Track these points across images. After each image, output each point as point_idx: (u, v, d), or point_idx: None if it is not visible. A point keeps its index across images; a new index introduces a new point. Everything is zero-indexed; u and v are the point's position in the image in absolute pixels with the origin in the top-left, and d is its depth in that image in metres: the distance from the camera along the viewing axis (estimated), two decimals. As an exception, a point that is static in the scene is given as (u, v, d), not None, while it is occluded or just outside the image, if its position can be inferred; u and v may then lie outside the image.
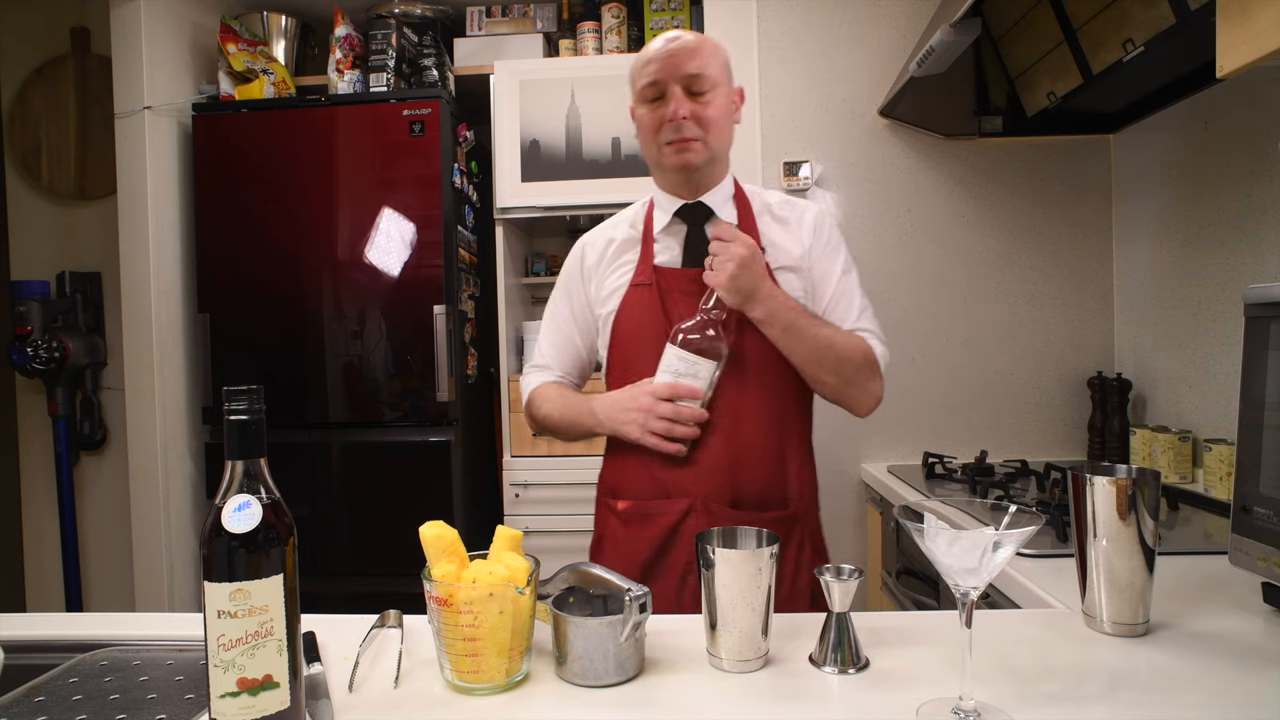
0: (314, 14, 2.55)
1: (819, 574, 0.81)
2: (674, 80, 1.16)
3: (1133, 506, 0.86)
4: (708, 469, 1.16)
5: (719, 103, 1.18)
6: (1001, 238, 2.26)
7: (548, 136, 2.28)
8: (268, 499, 0.66)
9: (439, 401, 2.19)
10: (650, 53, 1.19)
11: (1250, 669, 0.79)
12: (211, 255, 2.27)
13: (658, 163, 1.22)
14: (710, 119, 1.17)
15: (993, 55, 2.13)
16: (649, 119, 1.19)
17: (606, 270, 1.28)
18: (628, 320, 1.23)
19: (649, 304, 1.20)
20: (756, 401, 1.18)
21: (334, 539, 2.22)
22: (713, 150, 1.19)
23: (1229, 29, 1.05)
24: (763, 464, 1.18)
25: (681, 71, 1.15)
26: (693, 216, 1.23)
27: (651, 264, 1.23)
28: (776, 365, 1.18)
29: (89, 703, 0.80)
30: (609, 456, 1.29)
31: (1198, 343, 1.85)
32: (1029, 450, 2.22)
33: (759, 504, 1.18)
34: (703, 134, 1.17)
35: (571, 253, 1.34)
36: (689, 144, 1.17)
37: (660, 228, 1.24)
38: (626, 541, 1.20)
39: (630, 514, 1.21)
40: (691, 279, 1.18)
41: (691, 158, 1.17)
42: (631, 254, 1.26)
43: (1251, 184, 1.66)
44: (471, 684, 0.77)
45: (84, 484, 2.63)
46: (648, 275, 1.22)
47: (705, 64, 1.16)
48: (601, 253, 1.29)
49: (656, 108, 1.18)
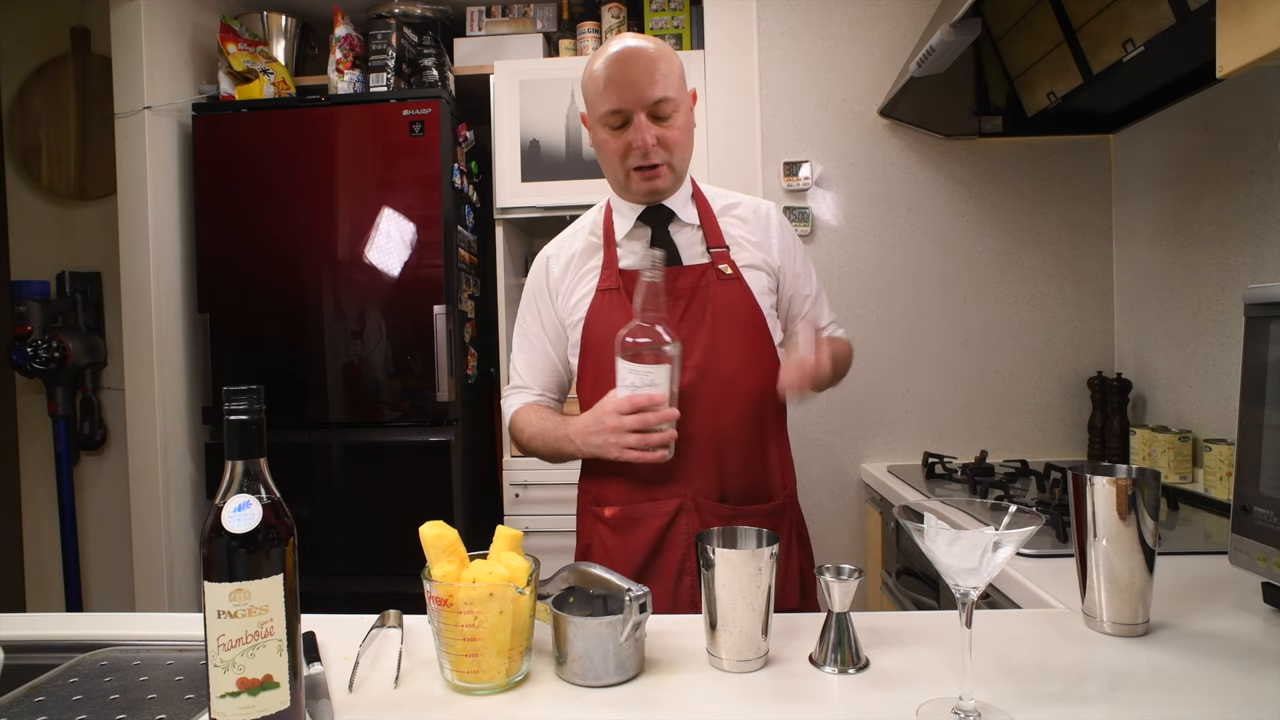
0: (314, 14, 2.55)
1: (819, 574, 0.81)
2: (639, 109, 1.14)
3: (1133, 506, 0.86)
4: (695, 465, 1.16)
5: (683, 121, 1.17)
6: (1001, 238, 2.26)
7: (548, 136, 2.28)
8: (268, 499, 0.66)
9: (439, 401, 2.19)
10: (607, 76, 1.15)
11: (1250, 669, 0.79)
12: (211, 255, 2.26)
13: (623, 186, 1.22)
14: (675, 141, 1.16)
15: (993, 55, 2.13)
16: (612, 144, 1.18)
17: (573, 280, 1.27)
18: (597, 325, 1.21)
19: (618, 308, 1.19)
20: (735, 394, 1.18)
21: (334, 539, 2.22)
22: (679, 170, 1.20)
23: (1229, 29, 1.05)
24: (746, 455, 1.19)
25: (647, 100, 1.13)
26: (656, 219, 1.23)
27: (616, 268, 1.22)
28: (752, 357, 1.19)
29: (89, 703, 0.80)
30: (590, 464, 1.28)
31: (1198, 343, 1.85)
32: (1029, 450, 2.22)
33: (746, 496, 1.19)
34: (669, 157, 1.17)
35: (534, 267, 1.33)
36: (657, 170, 1.17)
37: (624, 233, 1.24)
38: (618, 549, 1.19)
39: (619, 519, 1.19)
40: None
41: (660, 184, 1.18)
42: (595, 260, 1.25)
43: (1251, 184, 1.66)
44: (471, 684, 0.77)
45: (84, 484, 2.63)
46: (614, 279, 1.21)
47: (667, 85, 1.14)
48: (566, 264, 1.28)
49: (620, 134, 1.16)
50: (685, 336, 1.15)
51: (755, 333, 1.21)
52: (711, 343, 1.17)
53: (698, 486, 1.16)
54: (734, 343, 1.18)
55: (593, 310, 1.22)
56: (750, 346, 1.19)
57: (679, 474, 1.16)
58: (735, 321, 1.19)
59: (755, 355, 1.19)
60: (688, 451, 1.15)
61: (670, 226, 1.24)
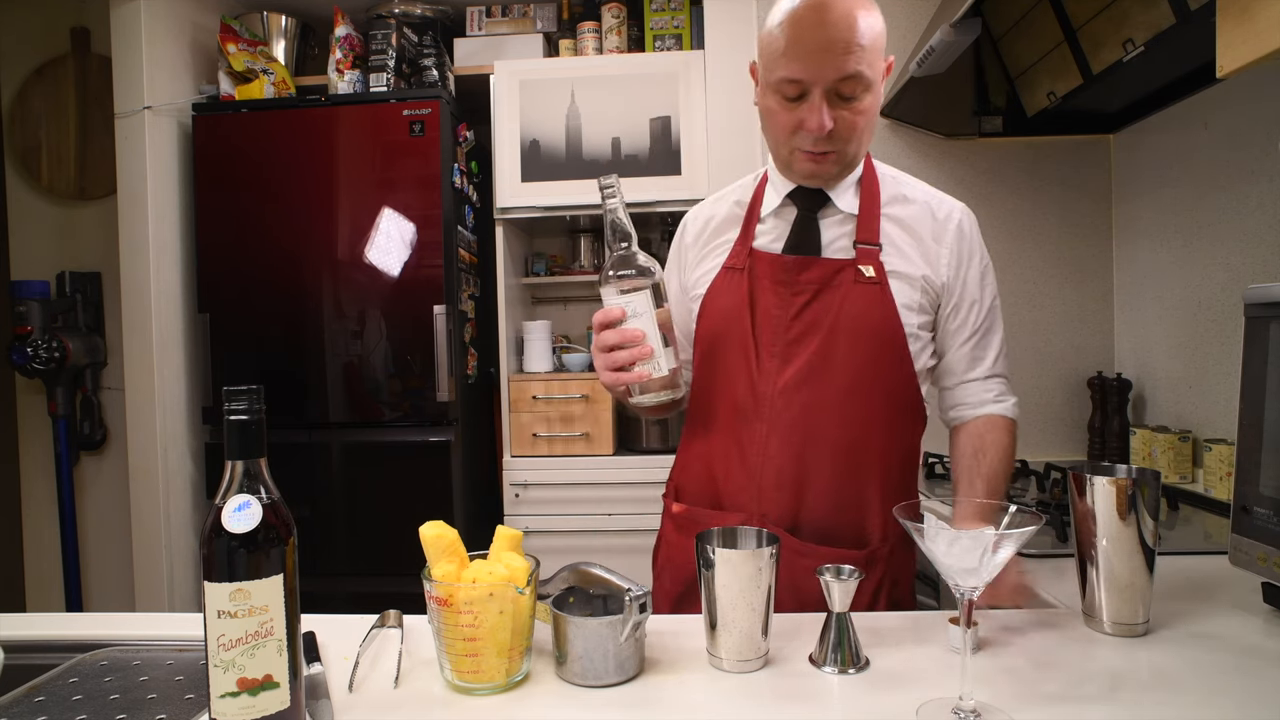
0: (314, 14, 2.55)
1: (819, 574, 0.81)
2: (822, 84, 0.95)
3: (1133, 506, 0.86)
4: (769, 484, 1.04)
5: (870, 102, 0.99)
6: (1001, 238, 2.26)
7: (548, 136, 2.28)
8: (268, 499, 0.66)
9: (439, 401, 2.19)
10: (794, 35, 0.95)
11: (1250, 669, 0.79)
12: (211, 255, 2.27)
13: (786, 163, 1.06)
14: (857, 127, 0.99)
15: (993, 55, 2.12)
16: (782, 117, 1.00)
17: (703, 250, 1.15)
18: (712, 306, 1.09)
19: (736, 291, 1.06)
20: (838, 414, 1.03)
21: (334, 539, 2.22)
22: (851, 158, 1.03)
23: (1229, 29, 1.05)
24: (835, 490, 1.03)
25: (836, 76, 0.94)
26: (806, 202, 1.08)
27: (749, 246, 1.08)
28: (873, 377, 1.03)
29: (89, 703, 0.80)
30: (679, 450, 1.18)
31: (1198, 343, 1.85)
32: (1029, 450, 2.22)
33: (825, 537, 1.03)
34: (844, 145, 1.00)
35: (677, 230, 1.22)
36: (826, 156, 1.01)
37: (769, 209, 1.10)
38: (680, 549, 1.11)
39: (683, 519, 1.12)
40: (785, 267, 1.05)
41: (826, 169, 1.02)
42: (731, 233, 1.12)
43: (1251, 184, 1.65)
44: (471, 684, 0.77)
45: (84, 484, 2.63)
46: (742, 259, 1.08)
47: (862, 59, 0.94)
48: (700, 231, 1.16)
49: (793, 108, 0.98)
50: (795, 337, 1.04)
51: (886, 349, 1.03)
52: (825, 350, 1.02)
53: (768, 508, 1.04)
54: (854, 355, 1.02)
55: (712, 290, 1.10)
56: (875, 364, 1.02)
57: (750, 488, 1.04)
58: (861, 332, 1.02)
59: (878, 375, 1.02)
60: (764, 465, 1.04)
61: (822, 211, 1.07)
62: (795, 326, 1.04)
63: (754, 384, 1.05)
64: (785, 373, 1.04)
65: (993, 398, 1.12)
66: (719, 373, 1.09)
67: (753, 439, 1.05)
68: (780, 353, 1.05)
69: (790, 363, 1.04)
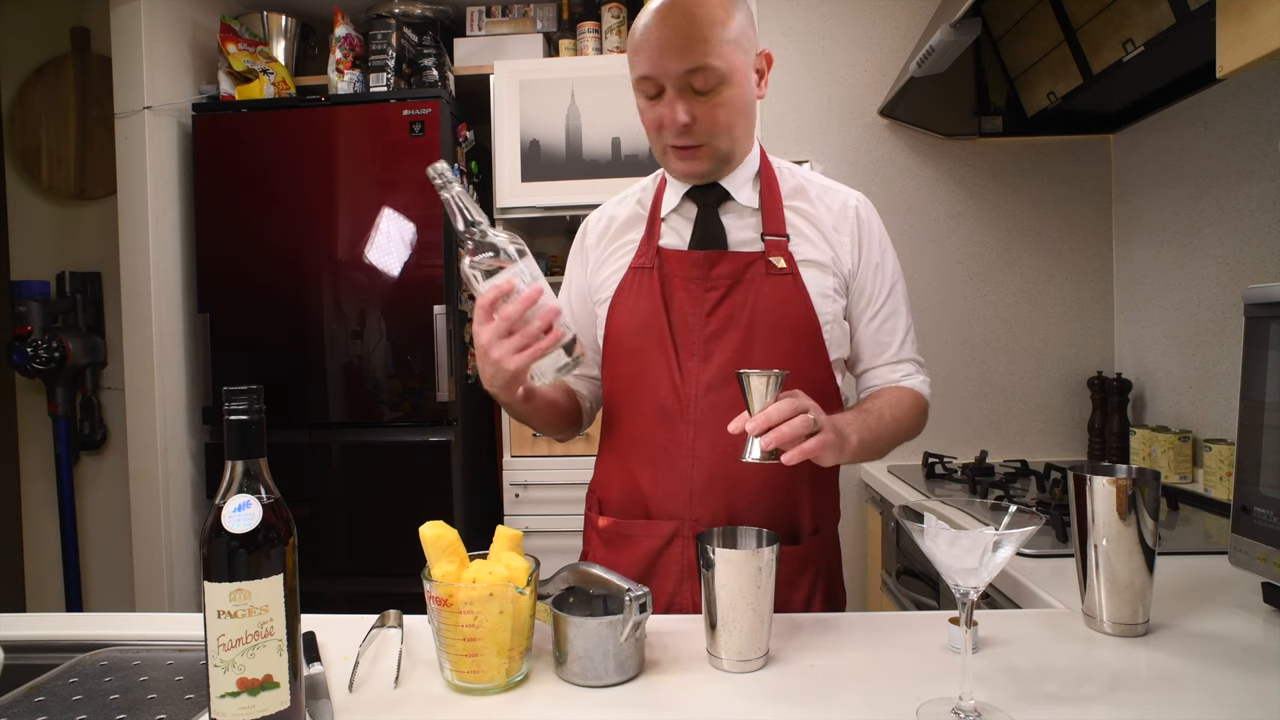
0: (314, 14, 2.55)
1: (741, 376, 0.86)
2: (668, 79, 0.96)
3: (1133, 506, 0.86)
4: (699, 488, 1.02)
5: (730, 94, 0.98)
6: (1001, 238, 2.26)
7: (548, 136, 2.28)
8: (268, 499, 0.66)
9: (439, 401, 2.19)
10: (643, 35, 0.97)
11: (1250, 669, 0.79)
12: (211, 255, 2.26)
13: (664, 162, 1.07)
14: (719, 120, 0.98)
15: (993, 55, 2.13)
16: (648, 115, 1.02)
17: (605, 252, 1.13)
18: (623, 308, 1.07)
19: (647, 291, 1.05)
20: None
21: (334, 539, 2.22)
22: (724, 152, 1.02)
23: (1229, 29, 1.05)
24: (766, 487, 1.02)
25: (676, 70, 0.95)
26: (706, 198, 1.07)
27: (655, 245, 1.07)
28: (793, 369, 1.04)
29: (89, 703, 0.80)
30: (597, 461, 1.16)
31: (1198, 343, 1.85)
32: (1029, 450, 2.22)
33: None
34: (709, 138, 0.99)
35: (577, 233, 1.20)
36: (695, 152, 1.00)
37: (670, 208, 1.09)
38: (608, 564, 1.08)
39: (610, 533, 1.08)
40: (695, 262, 1.04)
41: (698, 167, 1.02)
42: (635, 233, 1.11)
43: (1251, 184, 1.66)
44: (471, 684, 0.77)
45: (84, 484, 2.63)
46: (649, 258, 1.06)
47: (708, 52, 0.94)
48: (603, 232, 1.14)
49: (654, 105, 1.00)
50: (712, 333, 1.02)
51: (802, 341, 1.03)
52: (744, 345, 1.01)
53: (700, 513, 1.02)
54: (772, 348, 1.01)
55: (621, 290, 1.08)
56: (793, 356, 1.00)
57: (680, 495, 1.03)
58: (779, 324, 1.02)
59: (798, 366, 0.98)
60: (692, 471, 1.02)
61: (724, 206, 1.07)
62: (712, 323, 1.03)
63: (676, 385, 1.03)
64: (707, 371, 1.02)
65: (900, 377, 1.12)
66: (638, 376, 1.06)
67: (679, 442, 1.03)
68: (699, 351, 1.03)
69: (711, 360, 1.02)
